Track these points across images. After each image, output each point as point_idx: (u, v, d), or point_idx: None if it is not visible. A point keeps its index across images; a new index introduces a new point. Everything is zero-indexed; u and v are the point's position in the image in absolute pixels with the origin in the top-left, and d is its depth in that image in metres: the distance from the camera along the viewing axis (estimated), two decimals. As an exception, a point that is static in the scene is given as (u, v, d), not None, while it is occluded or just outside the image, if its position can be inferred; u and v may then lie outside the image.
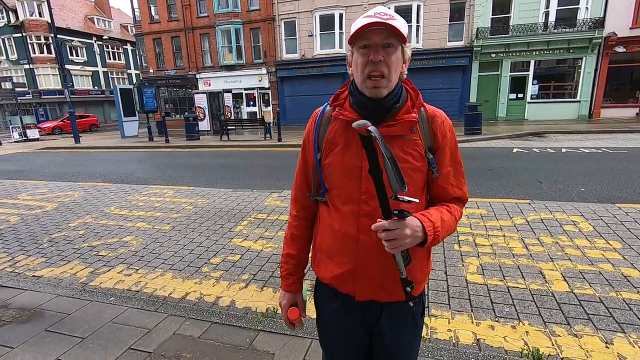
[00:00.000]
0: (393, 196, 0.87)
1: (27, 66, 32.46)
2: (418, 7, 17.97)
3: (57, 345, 2.36)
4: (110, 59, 38.78)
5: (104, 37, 35.18)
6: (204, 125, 19.01)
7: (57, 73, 31.62)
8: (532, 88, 17.75)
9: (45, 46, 32.16)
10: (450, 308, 2.66)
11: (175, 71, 24.02)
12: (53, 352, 2.29)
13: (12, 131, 20.76)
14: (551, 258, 3.34)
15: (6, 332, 2.54)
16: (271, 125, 15.39)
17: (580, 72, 16.98)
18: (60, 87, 30.68)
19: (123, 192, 6.72)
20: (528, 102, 17.89)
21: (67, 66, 29.77)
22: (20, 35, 31.83)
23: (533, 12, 16.77)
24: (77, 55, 35.01)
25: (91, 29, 36.61)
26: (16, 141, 20.05)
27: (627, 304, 2.59)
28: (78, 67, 35.06)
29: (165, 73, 24.29)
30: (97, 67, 37.31)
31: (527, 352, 2.15)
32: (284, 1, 20.45)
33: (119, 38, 39.40)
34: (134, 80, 38.70)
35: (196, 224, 4.75)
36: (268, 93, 22.23)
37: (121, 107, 18.77)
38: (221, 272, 3.40)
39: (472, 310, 2.62)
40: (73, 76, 33.99)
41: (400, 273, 0.96)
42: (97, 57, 37.02)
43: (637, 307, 2.55)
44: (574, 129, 13.24)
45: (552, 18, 16.60)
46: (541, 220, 4.29)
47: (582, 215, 4.37)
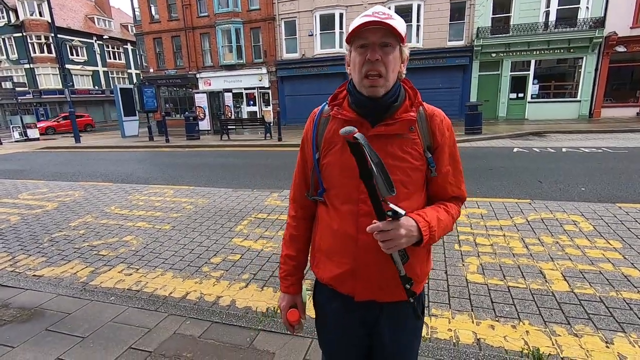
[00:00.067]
0: (382, 200, 0.88)
1: (28, 66, 32.50)
2: (418, 7, 17.97)
3: (58, 344, 2.37)
4: (110, 59, 38.80)
5: (104, 37, 35.19)
6: (204, 124, 19.01)
7: (58, 73, 31.65)
8: (533, 88, 17.74)
9: (45, 46, 32.18)
10: (450, 308, 2.66)
11: (175, 71, 24.03)
12: (53, 352, 2.29)
13: (13, 131, 20.78)
14: (551, 258, 3.34)
15: (7, 332, 2.54)
16: (271, 124, 15.39)
17: (580, 72, 16.97)
18: (60, 87, 30.70)
19: (123, 192, 6.72)
20: (528, 102, 17.88)
21: (68, 66, 29.79)
22: (20, 34, 31.86)
23: (533, 12, 16.76)
24: (78, 54, 35.03)
25: (91, 29, 36.61)
26: (16, 141, 20.07)
27: (628, 304, 2.58)
28: (78, 67, 35.09)
29: (165, 73, 24.29)
30: (98, 67, 37.33)
31: (528, 352, 2.15)
32: (284, 1, 20.44)
33: (119, 38, 39.41)
34: (134, 79, 38.74)
35: (196, 224, 4.75)
36: (268, 93, 22.23)
37: (121, 107, 18.79)
38: (221, 272, 3.40)
39: (473, 309, 2.62)
40: (73, 76, 34.01)
41: (399, 271, 0.96)
42: (98, 57, 37.04)
43: (638, 307, 2.54)
44: (575, 129, 13.24)
45: (553, 17, 16.59)
46: (541, 219, 4.29)
47: (583, 214, 4.37)
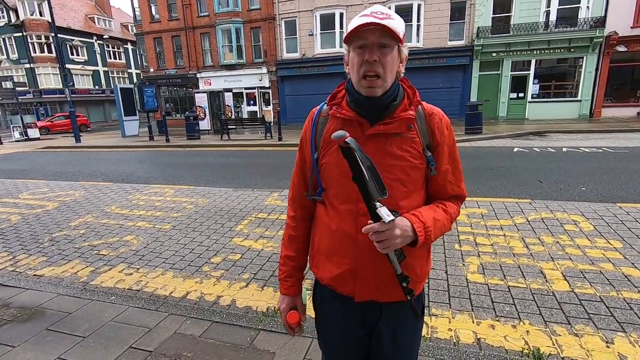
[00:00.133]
0: (373, 203, 0.88)
1: (28, 65, 32.51)
2: (418, 7, 17.95)
3: (58, 344, 2.37)
4: (110, 59, 38.81)
5: (105, 37, 35.18)
6: (205, 124, 19.01)
7: (58, 72, 31.66)
8: (533, 87, 17.73)
9: (45, 45, 32.19)
10: (450, 307, 2.66)
11: (175, 70, 24.03)
12: (54, 351, 2.29)
13: (13, 130, 20.79)
14: (552, 257, 3.34)
15: (7, 331, 2.54)
16: (271, 124, 15.39)
17: (581, 72, 16.95)
18: (60, 87, 30.68)
19: (124, 192, 6.73)
20: (529, 102, 17.87)
21: (68, 65, 29.79)
22: (20, 34, 31.87)
23: (534, 12, 16.74)
24: (78, 54, 35.04)
25: (92, 29, 36.62)
26: (17, 140, 20.08)
27: (628, 304, 2.58)
28: (78, 67, 35.10)
29: (165, 72, 24.29)
30: (98, 67, 37.34)
31: (528, 352, 2.15)
32: (285, 0, 20.43)
33: (120, 37, 39.41)
34: (135, 79, 38.75)
35: (197, 223, 4.76)
36: (268, 92, 22.23)
37: (122, 107, 18.79)
38: (222, 272, 3.40)
39: (473, 309, 2.62)
40: (73, 75, 34.02)
41: (395, 270, 0.96)
42: (98, 57, 37.05)
43: (638, 307, 2.54)
44: (575, 128, 13.23)
45: (553, 17, 16.58)
46: (542, 219, 4.29)
47: (583, 214, 4.37)
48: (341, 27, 19.34)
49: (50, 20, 16.70)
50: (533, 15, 16.76)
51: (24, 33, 31.67)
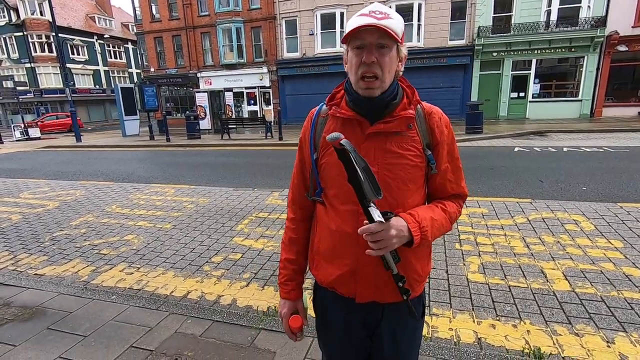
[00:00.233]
0: (368, 204, 0.88)
1: (29, 65, 32.53)
2: (419, 6, 17.93)
3: (59, 343, 2.37)
4: (111, 58, 38.82)
5: (105, 36, 35.16)
6: (205, 124, 19.02)
7: (59, 72, 31.67)
8: (534, 87, 17.71)
9: (46, 45, 32.21)
10: (451, 307, 2.66)
11: (176, 70, 24.03)
12: (55, 350, 2.30)
13: (14, 130, 20.80)
14: (552, 257, 3.34)
15: (8, 330, 2.55)
16: (272, 124, 15.39)
17: (582, 71, 16.92)
18: (61, 86, 30.70)
19: (124, 191, 6.73)
20: (529, 101, 17.85)
21: (68, 65, 29.83)
22: (21, 34, 31.89)
23: (535, 11, 16.72)
24: (78, 54, 35.06)
25: (92, 28, 36.64)
26: (18, 140, 20.09)
27: (629, 303, 2.58)
28: (79, 66, 35.13)
29: (166, 72, 24.29)
30: (98, 66, 37.37)
31: (529, 351, 2.15)
32: (285, 0, 20.42)
33: (120, 37, 39.43)
34: (135, 79, 38.77)
35: (197, 223, 4.76)
36: (269, 92, 22.22)
37: (122, 106, 18.79)
38: (222, 271, 3.40)
39: (474, 309, 2.62)
40: (74, 75, 34.06)
41: (391, 270, 0.96)
42: (98, 56, 37.08)
43: (639, 306, 2.54)
44: (576, 128, 13.22)
45: (554, 17, 16.55)
46: (542, 219, 4.28)
47: (584, 214, 4.36)
48: (342, 27, 19.32)
49: (50, 19, 16.70)
50: (534, 14, 16.74)
51: (25, 32, 31.69)
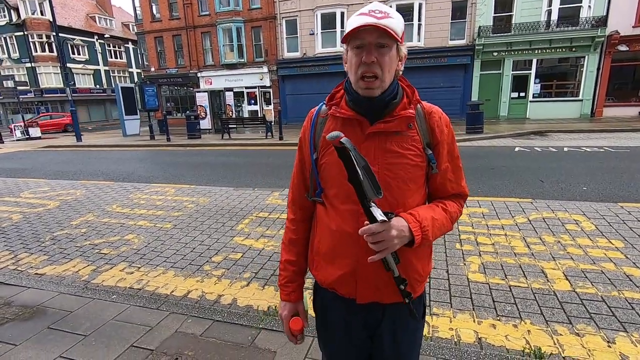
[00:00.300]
0: (368, 203, 0.87)
1: (29, 65, 32.53)
2: (420, 6, 17.91)
3: (60, 342, 2.37)
4: (111, 58, 38.83)
5: (106, 36, 35.21)
6: (205, 123, 19.02)
7: (59, 71, 31.66)
8: (534, 87, 17.69)
9: (47, 45, 32.22)
10: (452, 307, 2.66)
11: (176, 70, 24.03)
12: (56, 350, 2.30)
13: (15, 129, 20.81)
14: (553, 257, 3.34)
15: (9, 330, 2.55)
16: (272, 123, 15.38)
17: (582, 71, 16.90)
18: (62, 86, 30.70)
19: (125, 191, 6.73)
20: (530, 101, 17.83)
21: (69, 65, 29.83)
22: (22, 33, 31.90)
23: (535, 11, 16.70)
24: (79, 53, 35.06)
25: (93, 28, 36.64)
26: (18, 139, 20.11)
27: (630, 303, 2.58)
28: (80, 66, 35.13)
29: (166, 71, 24.29)
30: (99, 66, 37.37)
31: (529, 351, 2.15)
32: (285, 0, 20.42)
33: (121, 36, 39.44)
34: (136, 78, 38.78)
35: (198, 222, 4.76)
36: (269, 92, 22.21)
37: (123, 106, 18.79)
38: (223, 271, 3.40)
39: (474, 309, 2.62)
40: (75, 75, 34.08)
41: (392, 272, 0.95)
42: (99, 56, 37.08)
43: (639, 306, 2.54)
44: (576, 128, 13.20)
45: (555, 16, 16.53)
46: (543, 219, 4.28)
47: (584, 214, 4.36)
48: (342, 27, 19.30)
49: (51, 19, 16.70)
50: (534, 14, 16.72)
51: (25, 32, 31.69)
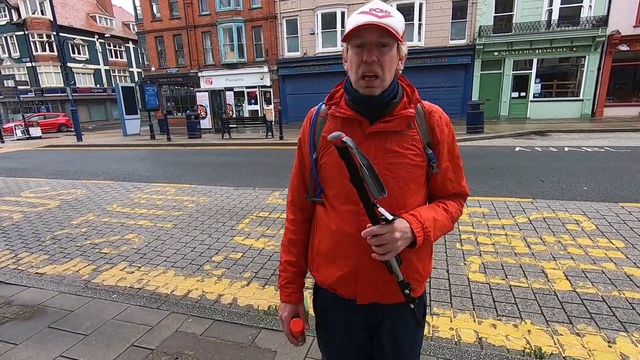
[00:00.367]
0: (372, 203, 0.87)
1: (30, 64, 32.52)
2: (420, 5, 17.89)
3: (60, 341, 2.38)
4: (112, 57, 38.83)
5: (106, 35, 35.18)
6: (206, 123, 19.04)
7: (59, 71, 31.64)
8: (535, 87, 17.67)
9: (47, 44, 32.21)
10: (452, 306, 2.65)
11: (177, 69, 24.03)
12: (56, 349, 2.30)
13: (15, 129, 20.82)
14: (553, 257, 3.34)
15: (9, 329, 2.55)
16: (273, 123, 15.39)
17: (583, 71, 16.89)
18: (62, 85, 30.69)
19: (125, 190, 6.74)
20: (530, 101, 17.82)
21: (69, 64, 29.84)
22: (22, 33, 31.89)
23: (536, 10, 16.68)
24: (79, 53, 35.08)
25: (93, 27, 36.65)
26: (19, 139, 20.12)
27: (630, 303, 2.58)
28: (80, 65, 35.13)
29: (167, 71, 24.29)
30: (99, 65, 37.38)
31: (529, 351, 2.15)
32: (286, -1, 20.44)
33: (121, 36, 39.44)
34: (136, 78, 38.77)
35: (198, 222, 4.76)
36: (270, 91, 22.22)
37: (123, 105, 18.81)
38: (223, 270, 3.40)
39: (474, 308, 2.62)
40: (75, 74, 34.09)
41: (396, 276, 0.94)
42: (99, 55, 37.08)
43: (640, 307, 2.54)
44: (577, 128, 13.19)
45: (555, 16, 16.51)
46: (543, 219, 4.28)
47: (585, 214, 4.36)
48: (342, 26, 19.29)
49: (51, 18, 16.68)
50: (535, 14, 16.70)
51: (26, 32, 31.68)
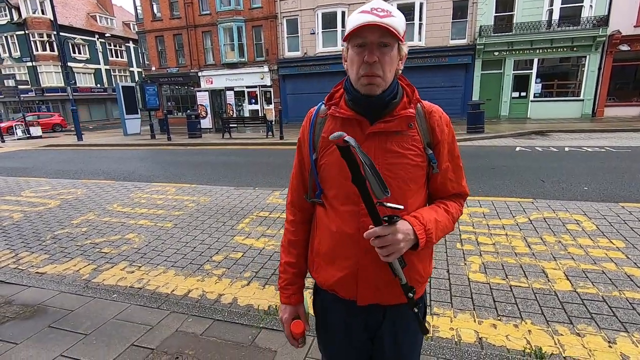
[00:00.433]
0: (377, 202, 0.86)
1: (30, 64, 32.55)
2: (421, 5, 17.87)
3: (61, 341, 2.38)
4: (112, 57, 38.85)
5: (107, 35, 35.21)
6: (206, 123, 19.03)
7: (60, 71, 31.66)
8: (535, 86, 17.65)
9: (47, 44, 32.23)
10: (452, 306, 2.65)
11: (177, 69, 24.03)
12: (56, 348, 2.30)
13: (15, 128, 20.84)
14: (554, 257, 3.33)
15: (10, 328, 2.55)
16: (273, 123, 15.39)
17: (583, 71, 16.87)
18: (62, 85, 30.72)
19: (125, 190, 6.74)
20: (531, 101, 17.80)
21: (70, 64, 29.84)
22: (23, 32, 31.91)
23: (537, 10, 16.66)
24: (80, 52, 35.10)
25: (93, 27, 36.66)
26: (19, 138, 20.13)
27: (631, 304, 2.58)
28: (80, 65, 35.15)
29: (167, 71, 24.30)
30: (100, 65, 37.39)
31: (530, 351, 2.15)
32: (286, -1, 20.43)
33: (121, 36, 39.45)
34: (136, 77, 38.79)
35: (198, 222, 4.76)
36: (270, 91, 22.21)
37: (123, 105, 18.81)
38: (223, 270, 3.40)
39: (475, 308, 2.62)
40: (75, 74, 34.11)
41: (399, 279, 0.93)
42: (100, 55, 37.10)
43: (641, 307, 2.54)
44: (577, 128, 13.18)
45: (556, 16, 16.49)
46: (544, 219, 4.27)
47: (585, 214, 4.35)
48: (343, 26, 19.26)
49: (52, 18, 16.68)
50: (536, 14, 16.68)
51: (26, 31, 31.70)
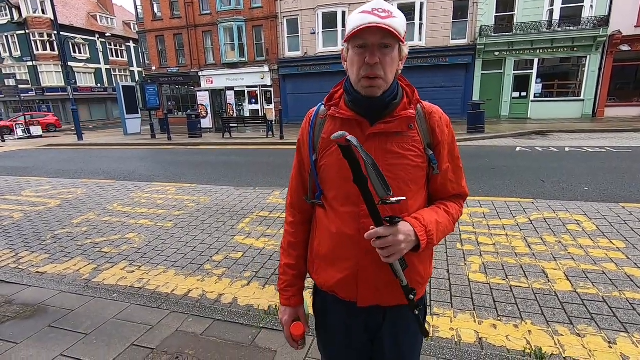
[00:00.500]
0: (380, 201, 0.86)
1: (30, 63, 32.56)
2: (421, 5, 17.87)
3: (61, 341, 2.38)
4: (113, 56, 38.87)
5: (107, 35, 35.23)
6: (206, 122, 19.04)
7: (60, 70, 31.64)
8: (536, 87, 17.65)
9: (48, 43, 32.24)
10: (452, 307, 2.65)
11: (177, 69, 24.04)
12: (57, 348, 2.30)
13: (16, 128, 20.85)
14: (554, 257, 3.33)
15: (10, 328, 2.55)
16: (273, 123, 15.39)
17: (584, 71, 16.86)
18: (63, 84, 30.72)
19: (126, 190, 6.74)
20: (531, 101, 17.79)
21: (70, 63, 29.83)
22: (23, 32, 31.93)
23: (537, 10, 16.65)
24: (80, 52, 35.11)
25: (94, 26, 36.67)
26: (20, 138, 20.14)
27: (631, 304, 2.58)
28: (81, 64, 35.17)
29: (167, 70, 24.30)
30: (100, 65, 37.40)
31: (530, 351, 2.15)
32: (287, -2, 20.43)
33: (122, 35, 39.47)
34: (137, 77, 38.83)
35: (198, 222, 4.76)
36: (270, 91, 22.18)
37: (124, 105, 18.82)
38: (223, 270, 3.40)
39: (475, 309, 2.62)
40: (76, 73, 34.12)
41: (400, 281, 0.93)
42: (100, 55, 37.11)
43: (641, 307, 2.54)
44: (578, 128, 13.17)
45: (557, 16, 16.48)
46: (544, 219, 4.27)
47: (586, 214, 4.35)
48: (343, 26, 19.25)
49: (52, 18, 16.67)
50: (536, 14, 16.67)
51: (27, 31, 31.71)
